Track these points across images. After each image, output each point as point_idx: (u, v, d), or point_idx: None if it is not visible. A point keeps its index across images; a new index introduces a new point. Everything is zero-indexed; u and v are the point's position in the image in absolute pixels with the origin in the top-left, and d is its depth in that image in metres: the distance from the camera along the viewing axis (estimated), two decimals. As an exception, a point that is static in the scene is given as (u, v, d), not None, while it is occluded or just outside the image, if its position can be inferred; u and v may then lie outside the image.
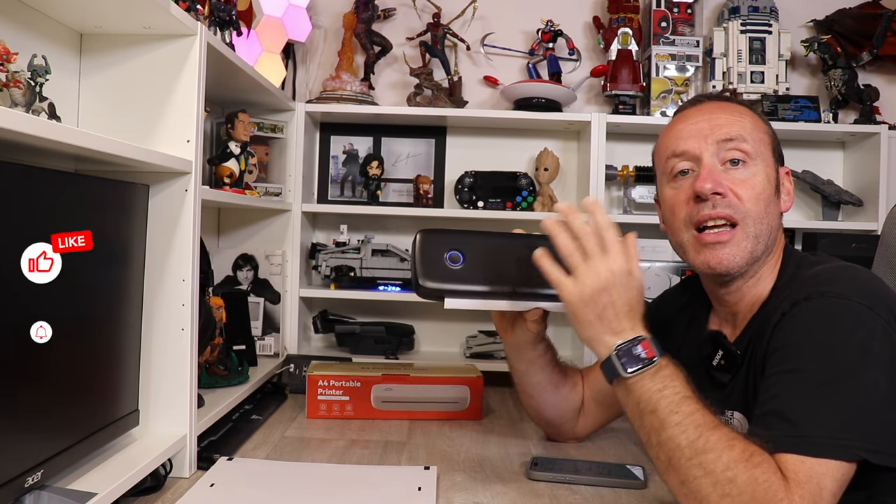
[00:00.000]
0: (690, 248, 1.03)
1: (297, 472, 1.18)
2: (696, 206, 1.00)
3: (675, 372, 0.89)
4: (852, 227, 1.99)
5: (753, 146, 1.01)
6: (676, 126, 1.07)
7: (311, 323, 2.06)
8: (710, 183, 0.99)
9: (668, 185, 1.07)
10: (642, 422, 0.89)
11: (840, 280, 0.92)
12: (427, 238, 1.06)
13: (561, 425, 1.33)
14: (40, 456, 0.86)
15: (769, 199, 1.01)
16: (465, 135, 2.18)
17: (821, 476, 0.78)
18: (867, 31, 2.09)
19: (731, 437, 0.82)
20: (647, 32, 2.11)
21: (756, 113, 1.08)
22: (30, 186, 0.83)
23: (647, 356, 0.90)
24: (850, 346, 0.85)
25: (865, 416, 0.81)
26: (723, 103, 1.08)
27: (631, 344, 0.91)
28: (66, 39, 1.15)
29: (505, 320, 1.20)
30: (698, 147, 1.02)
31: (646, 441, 0.89)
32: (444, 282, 1.04)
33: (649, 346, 0.91)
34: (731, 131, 1.01)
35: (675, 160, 1.05)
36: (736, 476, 0.78)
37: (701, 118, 1.05)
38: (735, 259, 0.99)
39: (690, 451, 0.82)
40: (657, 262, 1.98)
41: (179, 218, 1.16)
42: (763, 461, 0.79)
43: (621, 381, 0.91)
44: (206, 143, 1.71)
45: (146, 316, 1.14)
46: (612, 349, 0.92)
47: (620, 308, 0.92)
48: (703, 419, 0.84)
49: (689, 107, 1.09)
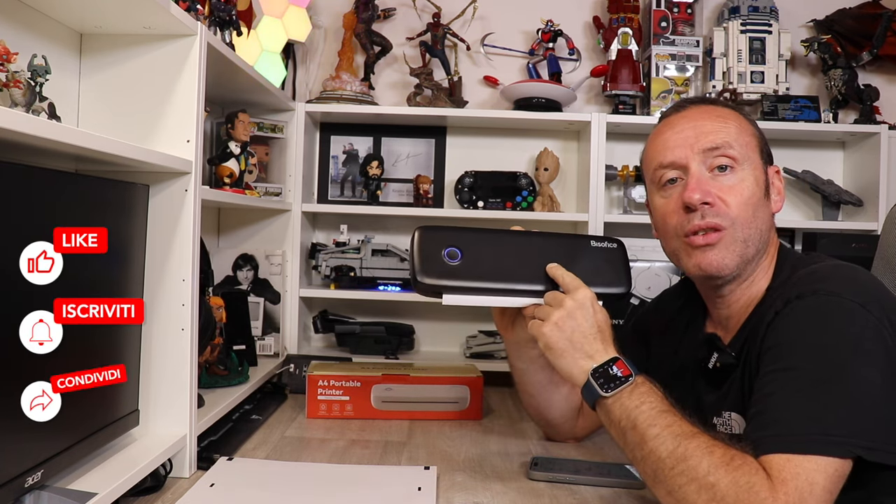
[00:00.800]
0: (682, 253, 1.04)
1: (297, 472, 1.18)
2: (686, 216, 1.01)
3: (650, 388, 0.93)
4: (852, 227, 1.99)
5: (740, 151, 1.02)
6: (663, 135, 1.07)
7: (311, 323, 2.06)
8: (698, 193, 0.99)
9: (658, 194, 1.07)
10: (625, 439, 0.92)
11: (833, 278, 0.92)
12: (425, 235, 1.06)
13: (561, 425, 1.33)
14: (40, 456, 0.86)
15: (758, 203, 1.01)
16: (465, 135, 2.18)
17: (811, 473, 0.78)
18: (867, 31, 2.09)
19: (710, 443, 0.84)
20: (647, 32, 2.11)
21: (741, 114, 1.08)
22: (30, 186, 0.83)
23: (623, 374, 0.95)
24: (843, 344, 0.85)
25: (859, 413, 0.82)
26: (707, 108, 1.07)
27: (606, 365, 0.96)
28: (66, 39, 1.15)
29: (505, 318, 1.20)
30: (685, 156, 1.02)
31: (631, 458, 0.92)
32: (443, 278, 1.04)
33: (624, 365, 0.96)
34: (716, 139, 1.01)
35: (662, 170, 1.05)
36: (718, 480, 0.80)
37: (686, 126, 1.04)
38: (725, 261, 1.00)
39: (672, 460, 0.84)
40: (657, 262, 1.98)
41: (179, 218, 1.16)
42: (743, 464, 0.80)
43: (601, 403, 0.95)
44: (206, 143, 1.71)
45: (146, 316, 1.14)
46: (589, 372, 0.96)
47: (587, 330, 0.99)
48: (680, 429, 0.86)
49: (674, 113, 1.09)
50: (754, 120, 1.10)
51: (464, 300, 1.05)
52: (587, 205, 1.97)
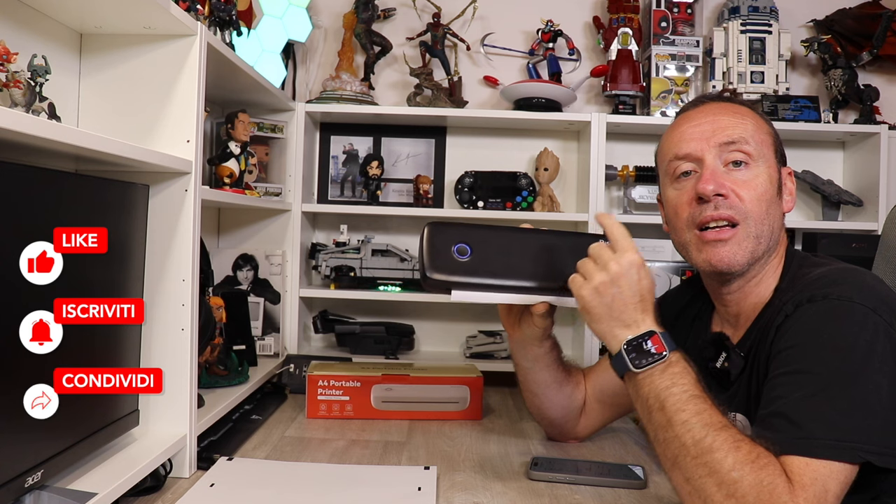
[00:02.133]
0: (693, 246, 1.04)
1: (297, 472, 1.18)
2: (699, 208, 1.01)
3: (685, 369, 0.89)
4: (852, 227, 1.99)
5: (756, 148, 1.02)
6: (679, 128, 1.07)
7: (311, 323, 2.06)
8: (712, 184, 0.99)
9: (671, 186, 1.07)
10: (650, 418, 0.89)
11: (843, 282, 0.92)
12: (435, 230, 1.06)
13: (563, 424, 1.33)
14: (40, 456, 0.86)
15: (771, 200, 1.01)
16: (465, 135, 2.18)
17: (825, 478, 0.78)
18: (867, 31, 2.09)
19: (737, 438, 0.82)
20: (647, 32, 2.11)
21: (758, 113, 1.08)
22: (30, 186, 0.83)
23: (657, 351, 0.90)
24: (854, 349, 0.85)
25: (869, 418, 0.81)
26: (725, 104, 1.08)
27: (641, 339, 0.91)
28: (66, 39, 1.15)
29: (512, 315, 1.19)
30: (701, 149, 1.02)
31: (653, 437, 0.89)
32: (452, 274, 1.04)
33: (659, 341, 0.91)
34: (733, 133, 1.02)
35: (677, 162, 1.05)
36: (742, 477, 0.78)
37: (704, 120, 1.05)
38: (736, 257, 0.99)
39: (696, 450, 0.82)
40: (657, 262, 1.98)
41: (179, 218, 1.16)
42: (769, 463, 0.79)
43: (631, 377, 0.92)
44: (206, 143, 1.71)
45: (146, 316, 1.13)
46: (623, 343, 0.92)
47: (629, 299, 0.93)
48: (710, 419, 0.84)
49: (692, 108, 1.09)
50: (770, 121, 1.10)
51: (472, 297, 1.05)
52: (587, 205, 1.97)
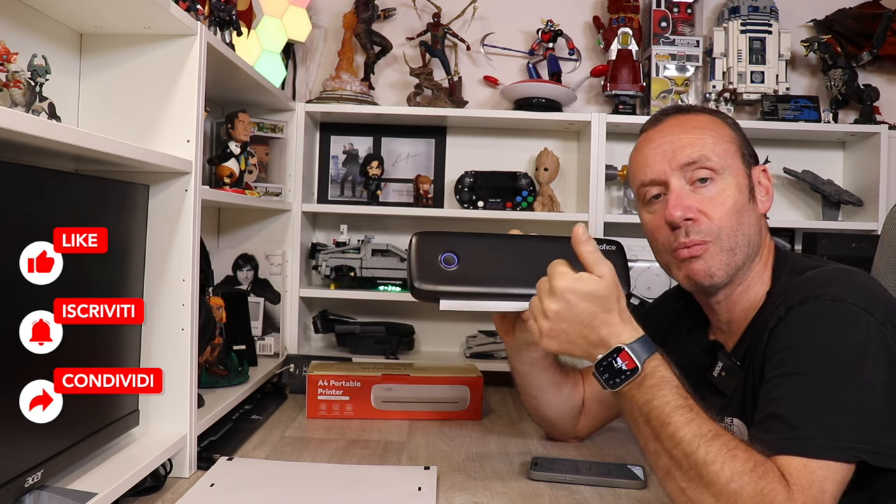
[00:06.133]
0: (672, 266, 1.05)
1: (297, 472, 1.18)
2: (672, 234, 1.02)
3: (662, 379, 0.87)
4: (852, 227, 1.99)
5: (719, 160, 1.01)
6: (642, 151, 1.08)
7: (311, 323, 2.06)
8: (679, 210, 1.00)
9: (645, 210, 1.08)
10: (638, 430, 0.89)
11: (835, 283, 0.92)
12: (422, 240, 1.06)
13: (562, 425, 1.34)
14: (40, 456, 0.86)
15: (742, 210, 1.01)
16: (465, 135, 2.18)
17: (822, 480, 0.78)
18: (867, 31, 2.09)
19: (731, 446, 0.80)
20: (647, 32, 2.11)
21: (719, 119, 1.07)
22: (30, 186, 0.83)
23: (628, 368, 0.88)
24: (848, 349, 0.85)
25: (864, 418, 0.82)
26: (683, 118, 1.07)
27: (610, 357, 0.89)
28: (66, 39, 1.15)
29: (506, 322, 1.20)
30: (664, 171, 1.03)
31: (644, 448, 0.89)
32: (439, 283, 1.04)
33: (628, 356, 0.88)
34: (692, 153, 1.01)
35: (645, 188, 1.06)
36: (741, 488, 0.77)
37: (663, 140, 1.05)
38: (711, 270, 1.00)
39: (688, 463, 0.81)
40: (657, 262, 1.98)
41: (179, 218, 1.16)
42: (767, 470, 0.78)
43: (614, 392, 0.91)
44: (206, 143, 1.71)
45: (146, 316, 1.13)
46: (594, 365, 0.92)
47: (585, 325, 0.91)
48: (699, 429, 0.82)
49: (651, 127, 1.09)
50: (734, 121, 1.09)
51: (461, 305, 1.05)
52: (587, 205, 1.97)
